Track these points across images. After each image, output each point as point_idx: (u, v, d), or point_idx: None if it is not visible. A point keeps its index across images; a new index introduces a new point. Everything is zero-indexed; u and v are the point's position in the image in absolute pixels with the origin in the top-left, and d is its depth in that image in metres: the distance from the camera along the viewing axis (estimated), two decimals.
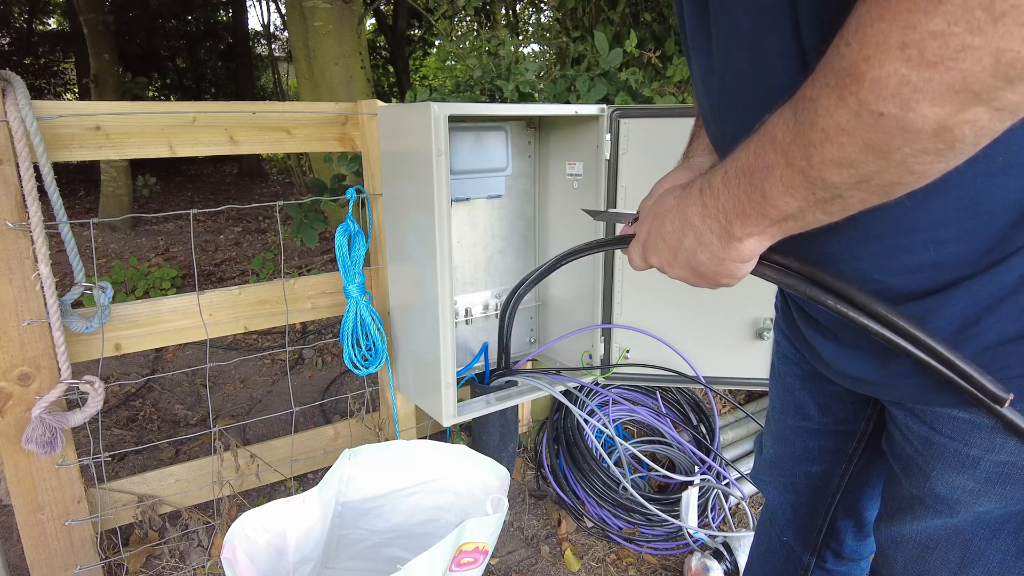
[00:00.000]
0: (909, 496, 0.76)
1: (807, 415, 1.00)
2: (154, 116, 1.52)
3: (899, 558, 0.80)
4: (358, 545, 1.46)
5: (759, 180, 0.57)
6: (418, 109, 1.49)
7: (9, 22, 11.30)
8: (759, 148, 0.57)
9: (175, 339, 1.64)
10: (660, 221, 0.72)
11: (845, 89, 0.47)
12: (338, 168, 2.40)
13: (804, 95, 0.52)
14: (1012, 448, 0.64)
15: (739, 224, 0.62)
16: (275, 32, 13.05)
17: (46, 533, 1.54)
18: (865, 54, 0.45)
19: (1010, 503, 0.67)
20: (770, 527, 1.21)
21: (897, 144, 0.48)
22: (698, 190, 0.66)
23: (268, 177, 10.97)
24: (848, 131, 0.49)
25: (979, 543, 0.70)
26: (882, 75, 0.45)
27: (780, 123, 0.54)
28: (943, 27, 0.42)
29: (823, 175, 0.52)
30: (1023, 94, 0.43)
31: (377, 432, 2.07)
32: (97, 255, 4.83)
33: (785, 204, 0.57)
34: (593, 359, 1.94)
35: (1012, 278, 0.59)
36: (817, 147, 0.51)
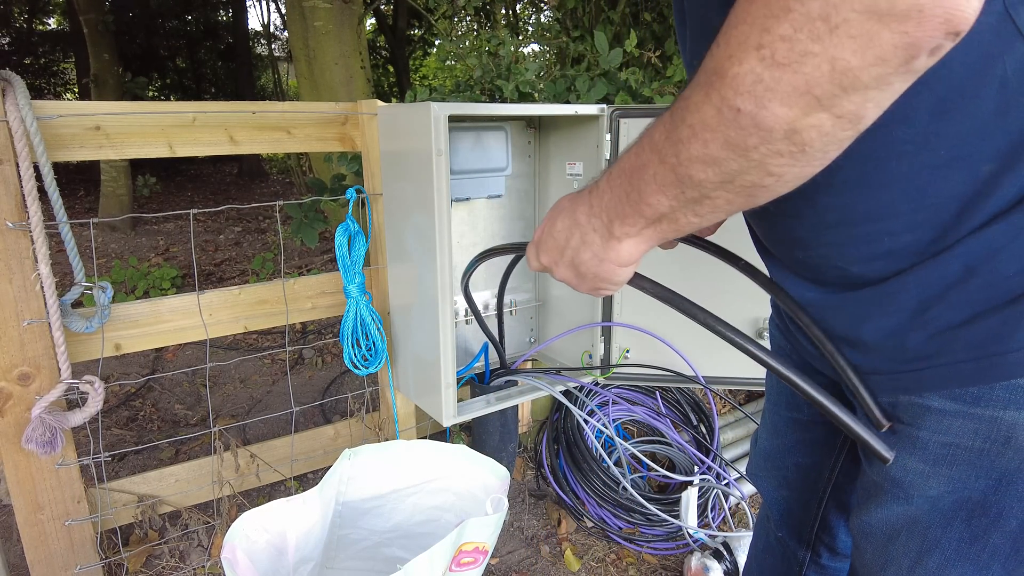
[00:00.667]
0: (873, 484, 0.79)
1: (797, 406, 1.02)
2: (154, 116, 1.52)
3: (867, 548, 0.82)
4: (358, 545, 1.46)
5: (636, 179, 0.60)
6: (418, 109, 1.49)
7: (9, 22, 11.30)
8: (639, 148, 0.60)
9: (175, 339, 1.64)
10: (552, 220, 0.74)
11: (711, 86, 0.51)
12: (338, 168, 2.40)
13: (682, 95, 0.55)
14: (956, 430, 0.66)
15: (618, 223, 0.65)
16: (275, 32, 13.05)
17: (46, 533, 1.54)
18: (729, 52, 0.49)
19: (957, 487, 0.69)
20: (766, 524, 1.22)
21: (753, 142, 0.51)
22: (588, 191, 0.69)
23: (268, 177, 10.98)
24: (711, 127, 0.52)
25: (935, 531, 0.72)
26: (740, 72, 0.48)
27: (659, 124, 0.58)
28: (790, 32, 0.46)
29: (690, 172, 0.55)
30: (858, 104, 0.47)
31: (377, 432, 2.07)
32: (97, 255, 4.83)
33: (658, 202, 0.60)
34: (593, 359, 1.94)
35: (957, 266, 0.61)
36: (685, 143, 0.54)
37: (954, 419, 0.66)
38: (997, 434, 0.64)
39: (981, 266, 0.60)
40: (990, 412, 0.64)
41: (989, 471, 0.66)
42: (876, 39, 0.44)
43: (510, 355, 2.07)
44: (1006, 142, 0.57)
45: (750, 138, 0.51)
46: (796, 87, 0.47)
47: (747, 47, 0.48)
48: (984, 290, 0.61)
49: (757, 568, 1.27)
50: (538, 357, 2.15)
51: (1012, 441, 0.64)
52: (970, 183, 0.59)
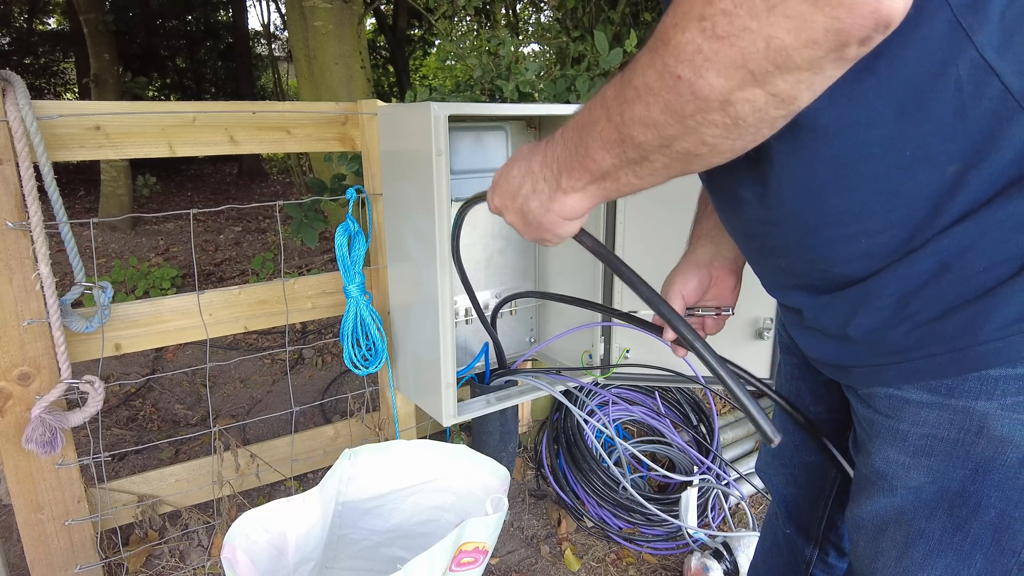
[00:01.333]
0: (862, 478, 0.81)
1: (804, 404, 1.03)
2: (154, 116, 1.52)
3: (860, 541, 0.84)
4: (358, 545, 1.46)
5: (585, 134, 0.63)
6: (418, 109, 1.49)
7: (9, 22, 11.29)
8: (592, 104, 0.62)
9: (175, 339, 1.64)
10: (510, 166, 0.77)
11: (655, 51, 0.53)
12: (338, 168, 2.40)
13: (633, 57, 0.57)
14: (933, 422, 0.69)
15: (566, 176, 0.68)
16: (275, 32, 13.04)
17: (46, 533, 1.54)
18: (675, 21, 0.51)
19: (937, 477, 0.71)
20: (775, 521, 1.23)
21: (690, 110, 0.53)
22: (545, 142, 0.71)
23: (268, 177, 10.98)
24: (653, 91, 0.54)
25: (920, 522, 0.74)
26: (683, 40, 0.51)
27: (611, 83, 0.60)
28: (731, 7, 0.48)
29: (632, 132, 0.58)
30: (791, 84, 0.50)
31: (377, 432, 2.07)
32: (97, 255, 4.83)
33: (602, 159, 0.63)
34: (593, 359, 1.94)
35: (932, 263, 0.63)
36: (629, 104, 0.57)
37: (931, 410, 0.68)
38: (971, 424, 0.66)
39: (953, 262, 0.62)
40: (963, 403, 0.66)
41: (965, 461, 0.68)
42: (810, 22, 0.46)
43: (510, 355, 2.07)
44: (968, 143, 0.59)
45: (687, 105, 0.53)
46: (732, 60, 0.49)
47: (691, 17, 0.50)
48: (957, 285, 0.63)
49: (764, 566, 1.28)
50: (538, 357, 2.15)
51: (984, 431, 0.66)
52: (937, 183, 0.61)
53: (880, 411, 0.74)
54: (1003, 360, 0.63)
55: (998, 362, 0.63)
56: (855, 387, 0.77)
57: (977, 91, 0.58)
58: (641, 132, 0.57)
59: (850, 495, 0.87)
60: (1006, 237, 0.60)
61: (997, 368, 0.63)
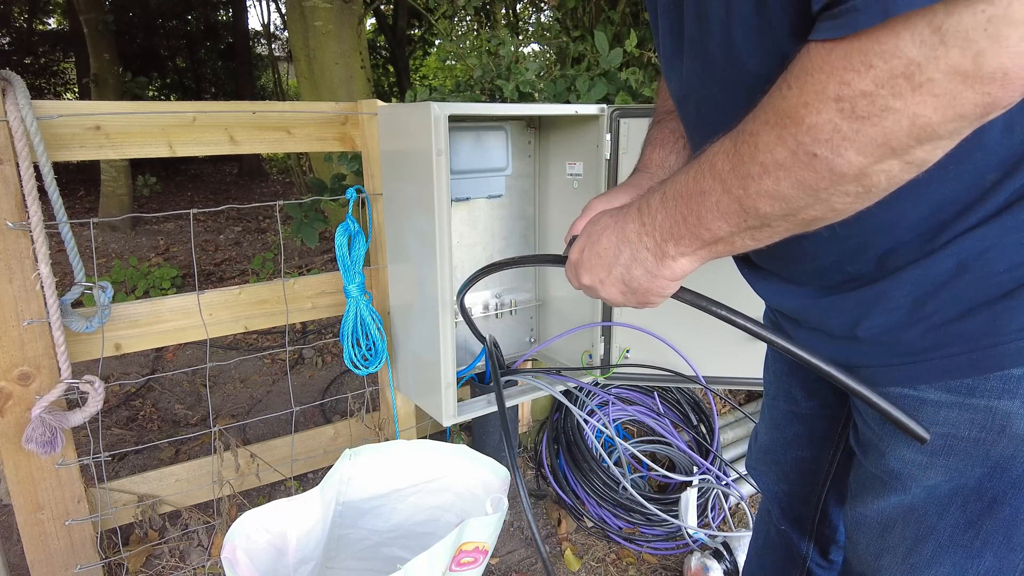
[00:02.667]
0: (870, 476, 0.81)
1: (795, 400, 1.04)
2: (154, 116, 1.52)
3: (861, 539, 0.84)
4: (358, 545, 1.46)
5: (696, 204, 0.63)
6: (418, 109, 1.49)
7: (9, 22, 11.29)
8: (699, 174, 0.62)
9: (175, 339, 1.64)
10: (595, 239, 0.75)
11: (785, 129, 0.53)
12: (338, 168, 2.40)
13: (745, 129, 0.57)
14: (953, 421, 0.69)
15: (673, 243, 0.67)
16: (275, 32, 13.04)
17: (46, 533, 1.54)
18: (805, 100, 0.51)
19: (954, 475, 0.71)
20: (767, 518, 1.23)
21: (825, 184, 0.54)
22: (636, 209, 0.71)
23: (268, 177, 10.97)
24: (785, 167, 0.55)
25: (931, 518, 0.74)
26: (819, 122, 0.51)
27: (720, 153, 0.60)
28: (872, 88, 0.48)
29: (757, 205, 0.58)
30: (928, 151, 0.50)
31: (377, 432, 2.07)
32: (97, 255, 4.83)
33: (718, 228, 0.63)
34: (593, 359, 1.94)
35: (951, 264, 0.64)
36: (755, 179, 0.57)
37: (951, 410, 0.68)
38: (992, 423, 0.67)
39: (973, 263, 0.63)
40: (985, 402, 0.66)
41: (984, 459, 0.69)
42: (959, 98, 0.46)
43: (510, 355, 2.07)
44: (1009, 154, 0.60)
45: (822, 181, 0.54)
46: (874, 139, 0.49)
47: (825, 98, 0.50)
48: (976, 286, 0.63)
49: (759, 564, 1.28)
50: (538, 357, 2.15)
51: (1007, 429, 0.66)
52: (974, 190, 0.62)
53: None
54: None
55: (1021, 361, 0.64)
56: None
57: None
58: (767, 204, 0.58)
59: (852, 493, 0.87)
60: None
61: (1020, 367, 0.64)
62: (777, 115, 0.54)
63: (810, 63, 0.51)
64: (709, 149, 0.62)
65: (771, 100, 0.54)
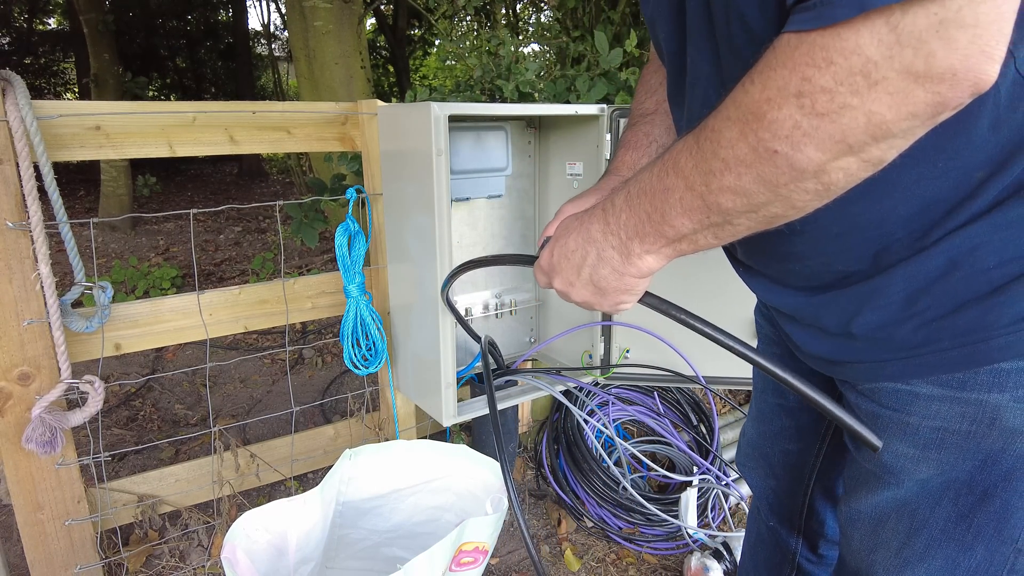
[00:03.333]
0: (863, 472, 0.82)
1: (783, 393, 1.06)
2: (154, 116, 1.52)
3: (855, 535, 0.85)
4: (358, 545, 1.46)
5: (660, 201, 0.63)
6: (418, 109, 1.49)
7: (9, 22, 11.29)
8: (662, 172, 0.63)
9: (175, 339, 1.64)
10: (564, 240, 0.75)
11: (747, 125, 0.54)
12: (338, 168, 2.40)
13: (707, 125, 0.58)
14: (945, 415, 0.70)
15: (638, 241, 0.68)
16: (275, 32, 13.04)
17: (46, 533, 1.54)
18: (767, 95, 0.52)
19: (946, 469, 0.72)
20: (757, 515, 1.24)
21: (784, 180, 0.55)
22: (600, 209, 0.71)
23: (268, 177, 10.97)
24: (746, 163, 0.55)
25: (924, 512, 0.75)
26: (780, 117, 0.51)
27: (683, 151, 0.60)
28: (832, 85, 0.49)
29: (719, 201, 0.59)
30: (884, 150, 0.51)
31: (377, 432, 2.07)
32: (97, 255, 4.83)
33: (681, 225, 0.63)
34: (593, 359, 1.94)
35: (942, 261, 0.65)
36: (717, 175, 0.57)
37: (942, 404, 0.70)
38: (983, 416, 0.68)
39: (963, 260, 0.64)
40: (976, 396, 0.67)
41: (975, 452, 0.70)
42: (911, 97, 0.48)
43: (510, 355, 2.07)
44: (997, 152, 0.61)
45: (782, 176, 0.54)
46: (832, 135, 0.50)
47: (787, 93, 0.51)
48: (966, 282, 0.65)
49: (752, 561, 1.28)
50: (538, 357, 2.15)
51: (997, 422, 0.68)
52: (962, 188, 0.63)
53: (886, 406, 0.74)
54: (1015, 353, 0.65)
55: (1010, 355, 0.65)
56: (855, 383, 0.78)
57: (1012, 104, 0.59)
58: (729, 200, 0.58)
59: (845, 490, 0.88)
60: (1016, 236, 0.62)
61: (1009, 361, 0.65)
62: (739, 111, 0.54)
63: (774, 58, 0.52)
64: (673, 147, 0.63)
65: (735, 96, 0.55)
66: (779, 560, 1.20)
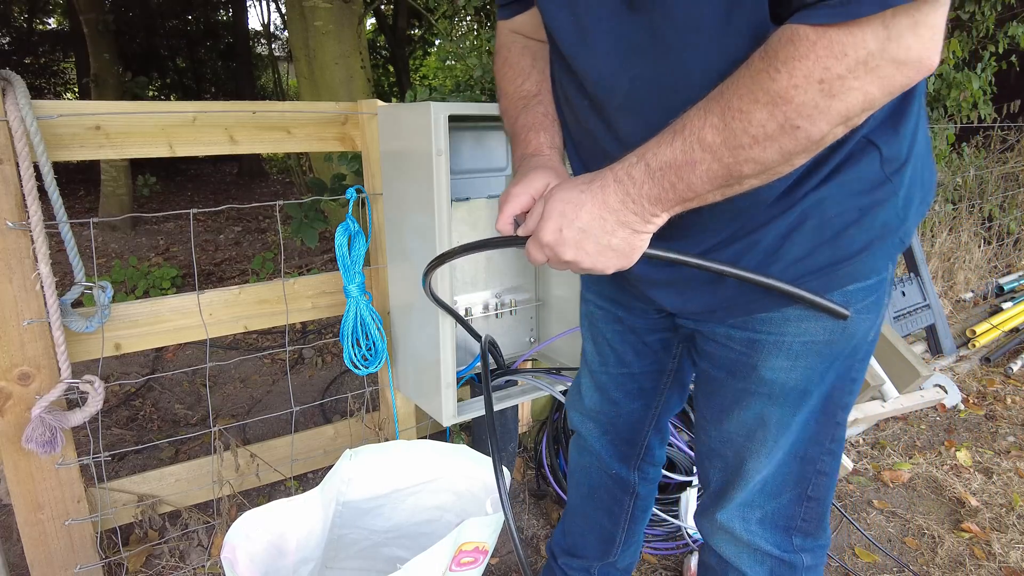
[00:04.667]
0: (735, 394, 0.99)
1: (627, 363, 1.21)
2: (154, 116, 1.52)
3: (729, 451, 1.04)
4: (358, 545, 1.46)
5: (686, 173, 0.73)
6: (418, 109, 1.49)
7: (9, 21, 11.29)
8: (686, 147, 0.72)
9: (175, 339, 1.64)
10: (572, 216, 0.80)
11: (776, 108, 0.66)
12: (338, 168, 2.40)
13: (732, 106, 0.68)
14: (812, 330, 0.90)
15: (660, 207, 0.77)
16: (275, 32, 13.04)
17: (46, 533, 1.54)
18: (795, 83, 0.64)
19: (810, 373, 0.92)
20: (590, 471, 1.39)
21: (800, 149, 0.69)
22: (614, 181, 0.78)
23: (268, 177, 10.97)
24: (773, 138, 0.67)
25: (785, 414, 0.96)
26: (805, 100, 0.64)
27: (707, 127, 0.70)
28: (845, 72, 0.63)
29: (742, 169, 0.71)
30: (864, 116, 0.67)
31: (377, 432, 2.07)
32: (97, 255, 4.83)
33: (701, 189, 0.74)
34: None
35: (796, 214, 0.83)
36: (746, 149, 0.69)
37: (809, 322, 0.89)
38: (837, 327, 0.89)
39: (813, 212, 0.82)
40: None
41: (830, 355, 0.92)
42: (893, 79, 0.64)
43: (510, 355, 2.07)
44: None
45: (799, 146, 0.68)
46: (840, 112, 0.65)
47: (811, 80, 0.63)
48: (818, 229, 0.83)
49: (591, 506, 1.43)
50: (538, 357, 2.15)
51: (847, 330, 0.90)
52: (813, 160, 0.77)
53: (762, 331, 0.92)
54: (855, 278, 0.87)
55: (853, 280, 0.87)
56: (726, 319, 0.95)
57: None
58: (750, 167, 0.70)
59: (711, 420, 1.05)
60: (849, 191, 0.81)
61: (852, 284, 0.87)
62: (768, 95, 0.65)
63: (795, 51, 0.63)
64: (688, 124, 0.71)
65: (758, 82, 0.66)
66: (620, 495, 1.39)
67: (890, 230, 0.85)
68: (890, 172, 0.82)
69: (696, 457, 1.16)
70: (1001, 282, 3.94)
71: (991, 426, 2.67)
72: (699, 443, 1.11)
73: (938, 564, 1.89)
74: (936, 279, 3.69)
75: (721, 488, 1.08)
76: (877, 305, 0.91)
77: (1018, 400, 2.88)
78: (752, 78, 0.66)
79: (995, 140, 4.83)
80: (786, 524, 1.04)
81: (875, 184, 0.82)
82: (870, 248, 0.84)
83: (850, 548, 1.95)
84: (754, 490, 1.03)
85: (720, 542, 1.11)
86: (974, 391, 2.97)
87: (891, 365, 2.55)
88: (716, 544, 1.12)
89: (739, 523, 1.06)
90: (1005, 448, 2.50)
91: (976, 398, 2.91)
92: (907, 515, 2.10)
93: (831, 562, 1.88)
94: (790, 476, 1.01)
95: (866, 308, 0.89)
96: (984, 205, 4.40)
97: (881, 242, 0.85)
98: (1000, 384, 3.03)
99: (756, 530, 1.05)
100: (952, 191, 4.22)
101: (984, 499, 2.16)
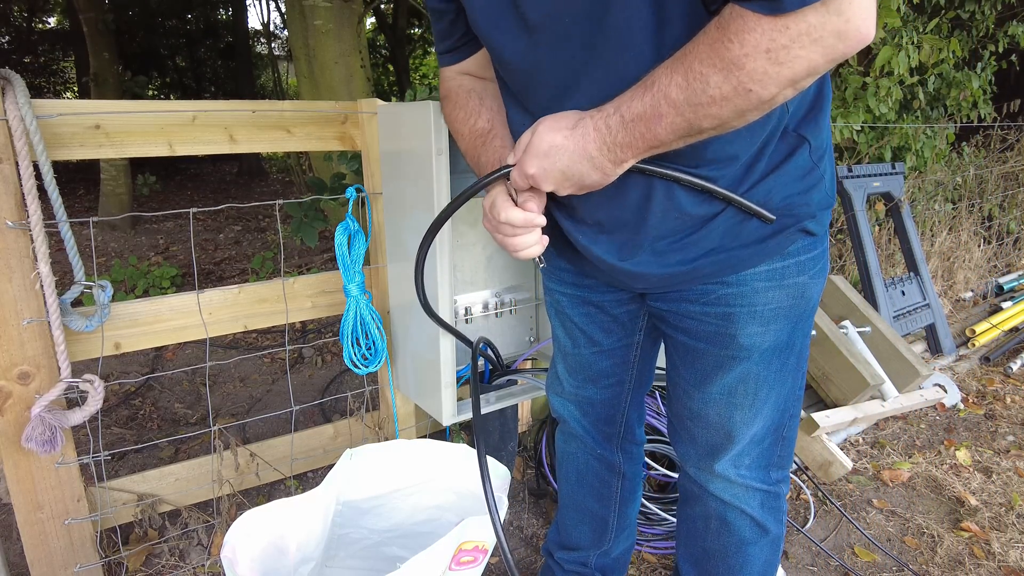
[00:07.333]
0: (714, 360, 1.11)
1: (596, 342, 1.30)
2: (154, 115, 1.51)
3: (711, 413, 1.16)
4: (358, 544, 1.46)
5: (653, 124, 0.83)
6: (418, 108, 1.49)
7: (9, 20, 11.28)
8: (654, 102, 0.82)
9: (175, 338, 1.64)
10: (555, 158, 0.91)
11: (730, 73, 0.75)
12: (338, 167, 2.40)
13: (692, 68, 0.78)
14: (778, 298, 1.04)
15: (630, 152, 0.87)
16: (275, 31, 13.04)
17: (46, 532, 1.54)
18: (745, 52, 0.74)
19: (778, 335, 1.07)
20: (577, 456, 1.47)
21: (751, 108, 0.79)
22: (594, 130, 0.88)
23: (268, 176, 10.96)
24: (728, 99, 0.77)
25: (762, 370, 1.10)
26: (756, 67, 0.74)
27: (671, 85, 0.80)
28: (789, 43, 0.72)
29: (701, 123, 0.81)
30: (808, 81, 0.77)
31: (377, 431, 2.07)
32: (97, 254, 4.82)
33: (666, 138, 0.84)
34: None
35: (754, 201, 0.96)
36: (704, 106, 0.79)
37: (776, 291, 1.03)
38: (798, 292, 1.04)
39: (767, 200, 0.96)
40: (791, 280, 1.03)
41: (792, 319, 1.07)
42: (834, 48, 0.73)
43: (510, 354, 2.07)
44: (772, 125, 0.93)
45: (751, 105, 0.78)
46: (787, 78, 0.75)
47: (759, 50, 0.73)
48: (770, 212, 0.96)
49: (580, 491, 1.49)
50: (538, 356, 2.15)
51: (804, 294, 1.05)
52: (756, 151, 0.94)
53: (735, 305, 1.04)
54: (806, 249, 1.02)
55: (804, 252, 1.02)
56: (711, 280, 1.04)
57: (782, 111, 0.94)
58: (709, 122, 0.80)
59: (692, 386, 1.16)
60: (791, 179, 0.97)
61: (804, 255, 1.02)
62: (723, 62, 0.75)
63: (744, 24, 0.73)
64: (656, 81, 0.81)
65: (715, 49, 0.75)
66: (607, 476, 1.46)
67: (822, 206, 1.01)
68: (816, 159, 0.98)
69: (674, 422, 1.26)
70: (1001, 281, 3.95)
71: (990, 425, 2.68)
72: (679, 407, 1.22)
73: (937, 563, 1.89)
74: (936, 278, 3.69)
75: (713, 444, 1.20)
76: (823, 271, 1.08)
77: (1017, 399, 2.88)
78: (709, 46, 0.76)
79: (995, 139, 4.84)
80: (767, 463, 1.21)
81: (807, 171, 0.98)
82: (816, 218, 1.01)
83: (850, 547, 1.95)
84: (744, 440, 1.17)
85: (719, 488, 1.24)
86: (974, 390, 2.97)
87: (891, 364, 2.56)
88: (716, 490, 1.25)
89: (732, 470, 1.20)
90: (1004, 447, 2.50)
91: (976, 397, 2.92)
92: (907, 514, 2.11)
93: (831, 562, 1.88)
94: (771, 424, 1.17)
95: (817, 274, 1.06)
96: (984, 204, 4.41)
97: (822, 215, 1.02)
98: (1000, 383, 3.04)
99: (746, 473, 1.21)
100: (952, 190, 4.22)
101: (983, 498, 2.17)
